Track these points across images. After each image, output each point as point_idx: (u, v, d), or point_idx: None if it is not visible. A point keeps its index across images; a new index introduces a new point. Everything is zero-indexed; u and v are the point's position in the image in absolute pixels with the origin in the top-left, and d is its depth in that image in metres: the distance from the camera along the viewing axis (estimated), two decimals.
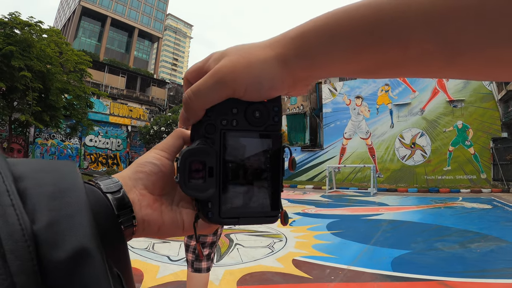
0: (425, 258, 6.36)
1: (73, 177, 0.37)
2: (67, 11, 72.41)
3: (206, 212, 0.45)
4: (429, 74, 0.40)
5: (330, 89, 30.90)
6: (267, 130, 0.47)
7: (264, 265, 5.89)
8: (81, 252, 0.30)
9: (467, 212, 12.58)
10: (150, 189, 0.49)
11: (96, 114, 33.82)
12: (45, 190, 0.33)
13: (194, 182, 0.44)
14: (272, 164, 0.47)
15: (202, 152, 0.44)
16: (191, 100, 0.45)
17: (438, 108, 25.42)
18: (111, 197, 0.43)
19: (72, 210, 0.33)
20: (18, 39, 19.12)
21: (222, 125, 0.45)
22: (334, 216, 11.71)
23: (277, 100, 0.47)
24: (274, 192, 0.47)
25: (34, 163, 0.37)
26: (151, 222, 0.48)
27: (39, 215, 0.31)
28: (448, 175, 24.24)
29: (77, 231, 0.31)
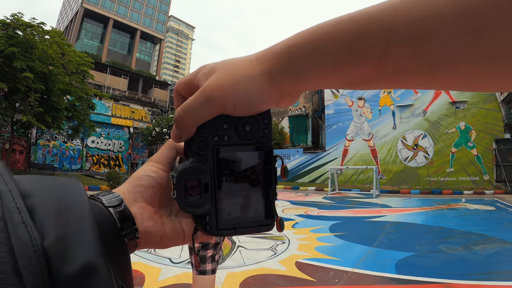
0: (429, 260, 6.31)
1: (77, 193, 0.38)
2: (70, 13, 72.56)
3: (204, 225, 0.46)
4: (409, 87, 0.41)
5: (332, 91, 30.88)
6: (258, 143, 0.48)
7: (267, 267, 5.84)
8: (89, 266, 0.31)
9: (471, 213, 12.53)
10: (149, 202, 0.50)
11: (98, 116, 33.84)
12: (52, 207, 0.34)
13: (190, 198, 0.45)
14: (264, 174, 0.48)
15: (196, 170, 0.45)
16: (182, 118, 0.46)
17: (440, 109, 25.40)
18: (113, 211, 0.44)
19: (79, 226, 0.34)
20: (20, 40, 19.15)
21: (214, 141, 0.46)
22: (336, 218, 11.67)
23: (267, 113, 0.48)
24: (268, 201, 0.49)
25: (39, 180, 0.38)
26: (152, 233, 0.48)
27: (48, 231, 0.32)
28: (450, 177, 24.21)
29: (84, 246, 0.32)
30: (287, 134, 34.87)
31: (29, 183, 0.36)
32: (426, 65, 0.36)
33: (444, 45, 0.33)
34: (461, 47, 0.33)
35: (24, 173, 14.86)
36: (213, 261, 3.05)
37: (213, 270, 3.04)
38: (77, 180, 0.41)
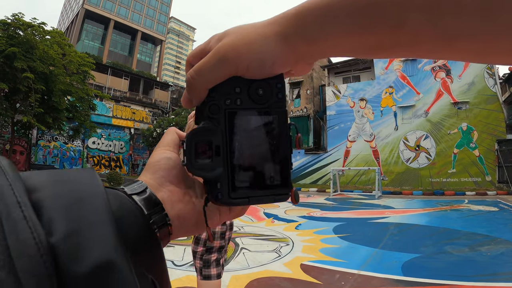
0: (435, 262, 6.24)
1: (92, 184, 0.35)
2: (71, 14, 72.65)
3: (216, 194, 0.44)
4: (423, 56, 0.41)
5: (334, 92, 30.87)
6: (272, 107, 0.47)
7: (271, 270, 5.77)
8: (105, 264, 0.28)
9: (474, 214, 12.49)
10: (175, 184, 0.48)
11: (99, 117, 33.84)
12: (62, 200, 0.31)
13: (200, 162, 0.44)
14: (279, 141, 0.47)
15: (208, 131, 0.44)
16: (194, 79, 0.44)
17: (442, 110, 25.37)
18: (137, 198, 0.42)
19: (93, 219, 0.31)
20: (21, 41, 19.09)
21: (226, 105, 0.45)
22: (340, 219, 11.61)
23: (280, 77, 0.46)
24: (283, 170, 0.47)
25: (49, 174, 0.35)
26: (186, 216, 0.47)
27: (56, 226, 0.29)
28: (453, 178, 24.16)
29: (99, 241, 0.29)
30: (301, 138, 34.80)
31: (37, 177, 0.34)
32: (443, 34, 0.35)
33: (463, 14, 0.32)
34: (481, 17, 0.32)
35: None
36: (218, 265, 2.97)
37: (218, 275, 2.95)
38: (93, 171, 0.38)
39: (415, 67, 26.99)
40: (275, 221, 11.19)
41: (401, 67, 27.64)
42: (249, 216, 11.92)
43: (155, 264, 0.39)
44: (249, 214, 12.51)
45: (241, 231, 9.13)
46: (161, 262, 0.41)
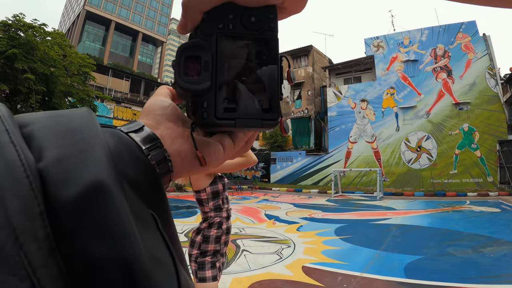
0: (438, 263, 6.21)
1: (85, 117, 0.34)
2: (72, 15, 72.62)
3: (202, 113, 0.44)
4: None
5: (335, 93, 30.83)
6: (264, 35, 0.46)
7: (273, 272, 5.74)
8: (95, 187, 0.27)
9: (476, 215, 12.43)
10: (173, 121, 0.48)
11: (100, 118, 33.76)
12: (53, 130, 0.31)
13: (188, 75, 0.44)
14: (269, 67, 0.47)
15: (197, 46, 0.44)
16: (189, 1, 0.44)
17: (444, 111, 25.31)
18: (134, 135, 0.41)
19: (85, 145, 0.30)
20: (21, 42, 19.09)
21: (218, 29, 0.45)
22: (341, 220, 11.57)
23: (273, 8, 0.46)
24: (273, 96, 0.46)
25: (43, 112, 0.34)
26: (188, 152, 0.46)
27: (46, 152, 0.28)
28: (454, 179, 24.08)
29: (90, 165, 0.29)
30: (289, 136, 34.75)
31: (30, 114, 0.33)
32: None
33: None
34: None
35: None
36: (214, 268, 2.91)
37: (214, 277, 2.88)
38: (88, 110, 0.37)
39: (416, 68, 26.96)
40: (277, 222, 11.15)
41: (402, 67, 27.60)
42: (250, 218, 11.90)
43: (156, 200, 0.38)
44: (250, 215, 12.49)
45: (242, 233, 9.10)
46: (162, 198, 0.39)
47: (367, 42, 30.10)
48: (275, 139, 33.96)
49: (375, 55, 29.33)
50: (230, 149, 0.50)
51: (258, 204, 17.07)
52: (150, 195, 0.37)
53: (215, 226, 2.96)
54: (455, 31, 25.71)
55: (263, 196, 22.64)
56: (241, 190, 25.53)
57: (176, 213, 12.14)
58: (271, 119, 0.45)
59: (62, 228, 0.25)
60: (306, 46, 35.28)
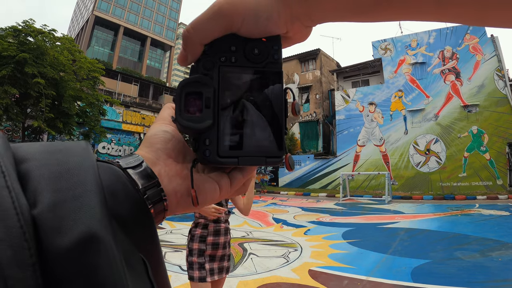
0: (445, 267, 6.18)
1: (82, 155, 0.34)
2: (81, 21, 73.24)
3: (203, 150, 0.43)
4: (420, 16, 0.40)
5: (343, 96, 30.78)
6: (267, 68, 0.46)
7: (279, 275, 5.76)
8: (89, 237, 0.27)
9: (485, 219, 12.34)
10: (173, 157, 0.47)
11: (109, 122, 33.96)
12: (50, 171, 0.30)
13: (189, 113, 0.43)
14: (273, 102, 0.46)
15: (199, 82, 0.43)
16: (190, 33, 0.44)
17: (452, 113, 25.16)
18: (132, 172, 0.40)
19: (80, 191, 0.30)
20: (31, 47, 19.32)
21: (220, 62, 0.44)
22: (349, 224, 11.55)
23: (277, 39, 0.46)
24: (277, 132, 0.45)
25: (40, 145, 0.34)
26: (184, 192, 0.45)
27: (41, 197, 0.28)
28: (463, 182, 23.90)
29: (84, 214, 0.28)
30: (297, 140, 34.76)
31: (28, 147, 0.33)
32: None
33: None
34: None
35: None
36: (201, 270, 3.09)
37: (200, 278, 3.05)
38: (86, 144, 0.37)
39: (424, 70, 26.85)
40: (284, 226, 11.16)
41: (410, 70, 27.50)
42: (258, 221, 11.91)
43: (148, 241, 0.38)
44: (258, 219, 12.50)
45: (250, 237, 9.11)
46: (154, 239, 0.40)
47: (374, 45, 30.05)
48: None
49: (382, 58, 29.26)
50: (227, 190, 0.48)
51: (266, 208, 17.09)
52: (142, 236, 0.37)
53: (200, 226, 3.20)
54: (462, 32, 25.56)
55: (271, 200, 22.66)
56: None
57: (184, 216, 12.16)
58: (275, 156, 0.45)
59: (53, 278, 0.25)
60: (314, 50, 35.31)
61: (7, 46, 18.38)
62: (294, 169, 0.48)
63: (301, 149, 34.31)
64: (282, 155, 0.45)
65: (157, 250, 0.40)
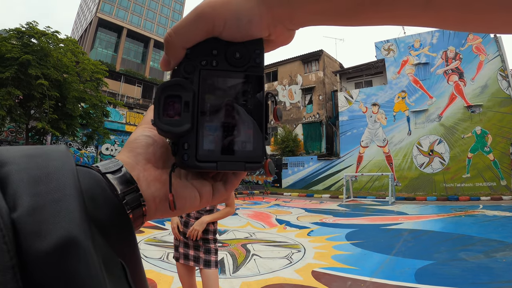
0: (449, 268, 6.15)
1: (62, 159, 0.34)
2: (84, 23, 73.45)
3: (182, 155, 0.43)
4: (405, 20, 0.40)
5: (346, 97, 30.79)
6: (249, 72, 0.45)
7: (282, 276, 5.74)
8: (68, 242, 0.27)
9: (489, 220, 12.30)
10: (153, 162, 0.46)
11: (112, 123, 34.03)
12: (29, 175, 0.30)
13: (168, 117, 0.42)
14: (254, 106, 0.45)
15: (178, 85, 0.43)
16: (172, 37, 0.43)
17: (456, 114, 25.11)
18: (111, 177, 0.40)
19: (59, 195, 0.30)
20: (35, 48, 19.42)
21: (201, 65, 0.44)
22: (352, 225, 11.53)
23: (259, 42, 0.45)
24: (257, 137, 0.45)
25: (20, 149, 0.34)
26: (162, 197, 0.45)
27: (21, 201, 0.28)
28: (467, 183, 23.83)
29: (63, 218, 0.28)
30: (301, 141, 34.75)
31: (7, 152, 0.32)
32: None
33: None
34: None
35: None
36: (176, 250, 3.64)
37: (176, 258, 3.62)
38: (66, 148, 0.36)
39: (428, 71, 26.80)
40: (287, 227, 11.15)
41: (413, 71, 27.47)
42: (261, 223, 11.90)
43: (126, 246, 0.38)
44: (261, 220, 12.50)
45: (253, 238, 9.11)
46: (132, 244, 0.39)
47: (377, 46, 30.03)
48: (287, 144, 33.96)
49: (385, 58, 29.24)
50: (208, 199, 0.48)
51: (269, 209, 17.07)
52: (121, 240, 0.37)
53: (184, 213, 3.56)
54: (465, 32, 25.48)
55: (275, 201, 22.64)
56: (253, 195, 25.54)
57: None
58: (255, 161, 0.44)
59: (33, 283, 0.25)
60: (317, 51, 35.31)
61: (11, 48, 18.49)
62: (273, 175, 0.47)
63: (304, 150, 34.30)
64: (262, 161, 0.45)
65: (136, 254, 0.40)
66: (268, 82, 39.36)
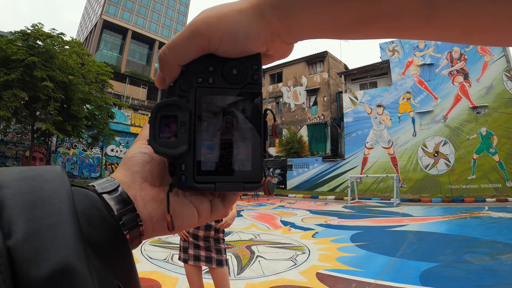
0: (454, 271, 6.13)
1: (57, 182, 0.33)
2: (89, 25, 73.83)
3: (179, 176, 0.42)
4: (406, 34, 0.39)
5: (351, 98, 30.74)
6: (246, 89, 0.44)
7: (286, 278, 5.74)
8: (64, 269, 0.27)
9: (495, 222, 12.24)
10: (150, 180, 0.46)
11: (117, 125, 34.19)
12: (24, 199, 0.30)
13: (164, 138, 0.41)
14: (252, 125, 0.44)
15: (174, 105, 0.42)
16: (166, 55, 0.43)
17: (461, 115, 24.98)
18: (107, 197, 0.40)
19: (55, 220, 0.30)
20: (40, 50, 19.56)
21: (197, 83, 0.43)
22: (357, 227, 11.50)
23: (256, 58, 0.45)
24: (256, 156, 0.44)
25: (14, 171, 0.34)
26: (160, 217, 0.44)
27: (16, 227, 0.28)
28: (472, 184, 23.70)
29: (59, 244, 0.28)
30: (306, 142, 34.72)
31: (4, 175, 0.32)
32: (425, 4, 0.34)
33: None
34: None
35: None
36: (183, 252, 3.66)
37: (183, 259, 3.64)
38: (61, 169, 0.36)
39: (433, 72, 26.70)
40: (292, 229, 11.13)
41: (418, 72, 27.37)
42: (266, 224, 11.90)
43: (124, 267, 0.38)
44: (266, 222, 12.49)
45: (257, 239, 9.10)
46: (130, 265, 0.39)
47: (382, 47, 29.96)
48: (292, 145, 33.95)
49: (390, 59, 29.16)
50: (206, 216, 0.48)
51: (274, 211, 17.05)
52: (118, 261, 0.37)
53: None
54: None
55: (279, 202, 22.61)
56: (257, 196, 25.51)
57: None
58: (253, 181, 0.43)
59: None
60: (321, 52, 35.27)
61: (16, 50, 18.63)
62: (272, 194, 0.46)
63: (309, 152, 34.27)
64: (261, 180, 0.44)
65: (134, 275, 0.40)
66: (273, 84, 39.43)
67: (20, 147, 27.86)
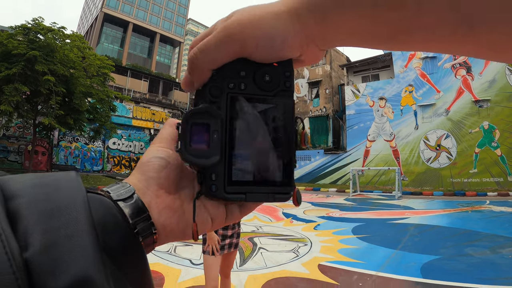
0: (455, 264, 6.15)
1: (73, 190, 0.33)
2: (90, 18, 73.54)
3: (209, 185, 0.41)
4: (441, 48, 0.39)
5: (353, 91, 30.65)
6: (278, 96, 0.43)
7: (289, 270, 5.77)
8: (83, 281, 0.27)
9: (496, 216, 12.24)
10: (165, 187, 0.44)
11: (119, 118, 34.22)
12: (39, 208, 0.30)
13: (196, 147, 0.40)
14: (284, 133, 0.43)
15: (206, 113, 0.40)
16: (197, 58, 0.41)
17: (463, 108, 24.91)
18: (123, 205, 0.39)
19: (72, 230, 0.29)
20: (41, 44, 19.53)
21: (228, 89, 0.42)
22: (359, 220, 11.53)
23: (289, 64, 0.43)
24: (287, 166, 0.43)
25: (28, 178, 0.33)
26: (174, 226, 0.43)
27: (32, 239, 0.27)
28: (474, 178, 23.68)
29: (77, 255, 0.28)
30: (308, 135, 34.67)
31: (16, 182, 0.32)
32: (462, 20, 0.33)
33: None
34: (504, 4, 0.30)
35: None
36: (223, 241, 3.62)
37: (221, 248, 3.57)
38: (76, 175, 0.36)
39: (435, 65, 26.58)
40: (294, 221, 11.17)
41: (420, 65, 27.25)
42: (268, 216, 11.92)
43: (138, 274, 0.37)
44: (268, 214, 12.52)
45: (259, 231, 9.14)
46: (144, 271, 0.39)
47: None
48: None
49: (393, 52, 28.95)
50: (221, 221, 0.46)
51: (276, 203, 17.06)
52: (133, 269, 0.37)
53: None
54: None
55: None
56: None
57: None
58: (284, 192, 0.43)
59: None
60: None
61: (17, 44, 18.61)
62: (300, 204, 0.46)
63: (311, 144, 34.24)
64: (291, 191, 0.43)
65: (149, 281, 0.39)
66: None
67: (22, 142, 27.95)
